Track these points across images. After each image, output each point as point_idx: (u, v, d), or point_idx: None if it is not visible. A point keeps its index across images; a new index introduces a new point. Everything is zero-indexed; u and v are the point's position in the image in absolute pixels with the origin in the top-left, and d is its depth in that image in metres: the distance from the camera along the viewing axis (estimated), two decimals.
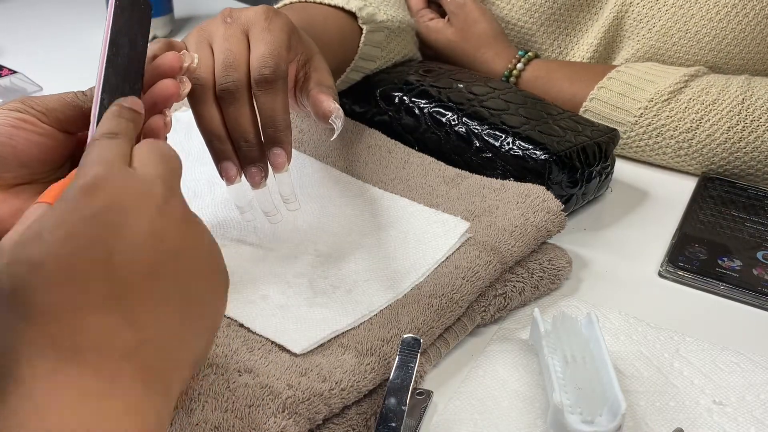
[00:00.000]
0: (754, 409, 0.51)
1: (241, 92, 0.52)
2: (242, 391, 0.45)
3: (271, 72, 0.52)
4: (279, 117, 0.52)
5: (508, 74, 0.85)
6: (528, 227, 0.59)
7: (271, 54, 0.52)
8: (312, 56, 0.58)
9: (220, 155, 0.53)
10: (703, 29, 0.80)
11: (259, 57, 0.52)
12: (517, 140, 0.68)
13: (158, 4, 1.06)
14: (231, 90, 0.52)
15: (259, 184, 0.54)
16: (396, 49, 0.81)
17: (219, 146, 0.53)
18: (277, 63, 0.52)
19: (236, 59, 0.52)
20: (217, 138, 0.53)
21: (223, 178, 0.54)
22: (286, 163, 0.53)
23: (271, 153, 0.53)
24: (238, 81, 0.52)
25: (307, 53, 0.57)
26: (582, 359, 0.50)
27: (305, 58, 0.57)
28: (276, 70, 0.52)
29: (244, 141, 0.53)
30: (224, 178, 0.54)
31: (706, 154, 0.76)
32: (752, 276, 0.63)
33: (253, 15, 0.54)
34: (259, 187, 0.54)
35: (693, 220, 0.70)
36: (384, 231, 0.60)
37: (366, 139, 0.72)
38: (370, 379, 0.47)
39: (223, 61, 0.52)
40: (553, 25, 0.89)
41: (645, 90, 0.78)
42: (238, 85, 0.52)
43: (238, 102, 0.52)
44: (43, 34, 1.06)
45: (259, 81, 0.52)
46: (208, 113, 0.52)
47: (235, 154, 0.53)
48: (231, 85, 0.52)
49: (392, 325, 0.51)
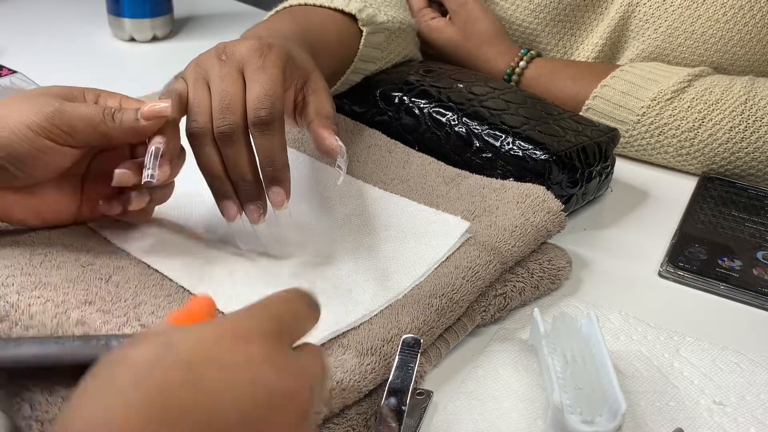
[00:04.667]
0: (754, 409, 0.50)
1: (237, 135, 0.52)
2: None
3: (267, 114, 0.52)
4: (277, 157, 0.53)
5: (511, 72, 0.85)
6: (528, 227, 0.59)
7: (267, 94, 0.52)
8: (309, 76, 0.58)
9: (221, 195, 0.54)
10: (709, 30, 0.80)
11: (254, 98, 0.52)
12: (517, 140, 0.68)
13: (158, 4, 1.06)
14: (228, 133, 0.52)
15: (258, 220, 0.54)
16: (396, 50, 0.81)
17: (219, 186, 0.54)
18: (273, 103, 0.52)
19: (232, 101, 0.52)
20: (218, 179, 0.54)
21: (225, 216, 0.54)
22: (285, 201, 0.54)
23: (271, 191, 0.53)
24: (235, 124, 0.52)
25: (304, 75, 0.57)
26: (582, 359, 0.50)
27: (303, 80, 0.57)
28: (272, 110, 0.52)
29: (242, 181, 0.53)
30: (225, 216, 0.54)
31: (708, 154, 0.76)
32: (752, 276, 0.63)
33: (246, 52, 0.54)
34: (257, 223, 0.55)
35: (693, 220, 0.70)
36: (384, 231, 0.60)
37: (366, 139, 0.72)
38: (370, 379, 0.47)
39: (219, 102, 0.53)
40: (558, 25, 0.89)
41: (648, 89, 0.78)
42: (235, 128, 0.52)
43: (236, 144, 0.52)
44: (43, 34, 1.06)
45: (256, 123, 0.52)
46: (207, 155, 0.53)
47: (234, 193, 0.54)
48: (227, 128, 0.52)
49: (392, 325, 0.51)
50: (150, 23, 1.06)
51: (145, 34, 1.06)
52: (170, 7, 1.09)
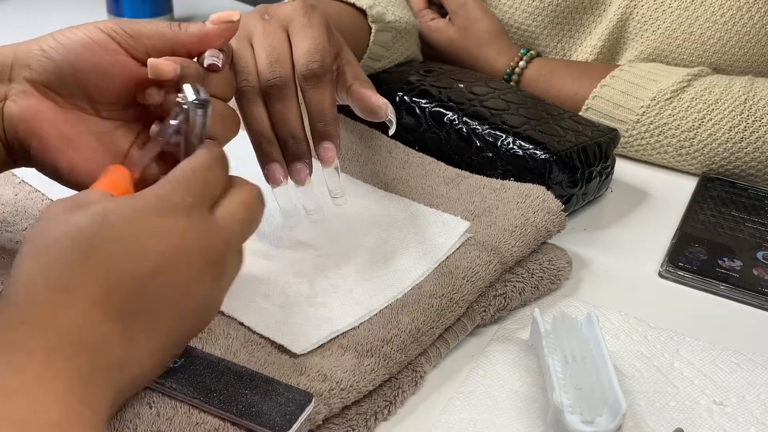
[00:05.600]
0: (754, 409, 0.50)
1: (288, 87, 0.52)
2: None
3: (318, 66, 0.52)
4: (328, 111, 0.53)
5: (510, 72, 0.85)
6: (528, 227, 0.59)
7: (316, 48, 0.52)
8: (341, 48, 0.58)
9: (267, 157, 0.53)
10: (707, 31, 0.80)
11: (304, 52, 0.52)
12: (518, 140, 0.68)
13: (158, 4, 1.06)
14: (278, 86, 0.52)
15: (304, 180, 0.54)
16: (400, 50, 0.81)
17: (267, 148, 0.53)
18: (323, 57, 0.52)
19: (280, 55, 0.52)
20: (267, 139, 0.53)
21: (270, 181, 0.54)
22: (335, 156, 0.53)
23: (321, 147, 0.53)
24: (285, 76, 0.52)
25: (338, 46, 0.57)
26: (582, 359, 0.50)
27: (337, 50, 0.57)
28: (323, 63, 0.52)
29: (291, 137, 0.53)
30: (270, 181, 0.54)
31: (707, 154, 0.76)
32: (752, 276, 0.63)
33: (291, 11, 0.55)
34: (303, 184, 0.54)
35: (693, 220, 0.70)
36: (384, 231, 0.60)
37: (366, 139, 0.72)
38: (370, 380, 0.47)
39: (266, 57, 0.52)
40: (557, 27, 0.89)
41: (648, 88, 0.78)
42: (285, 81, 0.52)
43: (285, 98, 0.52)
44: (43, 35, 1.06)
45: (308, 76, 0.52)
46: (257, 113, 0.53)
47: (281, 155, 0.54)
48: (278, 80, 0.52)
49: (392, 325, 0.51)
50: None
51: None
52: (170, 7, 1.09)
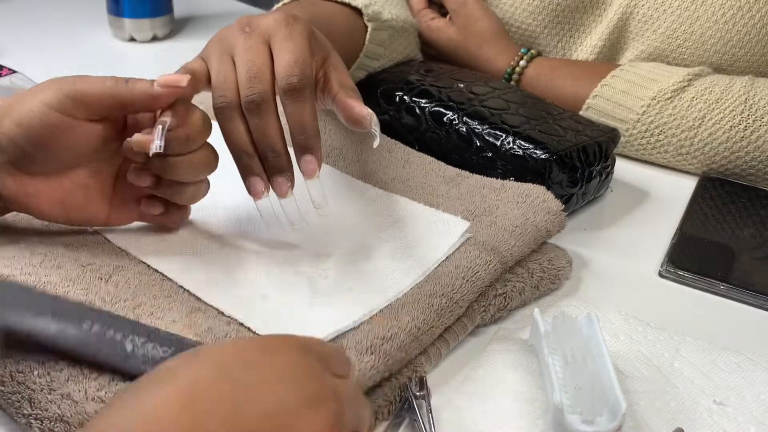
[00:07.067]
0: (754, 409, 0.50)
1: (267, 103, 0.52)
2: None
3: (298, 80, 0.51)
4: (308, 124, 0.52)
5: (511, 71, 0.85)
6: (528, 227, 0.59)
7: (296, 62, 0.52)
8: (328, 54, 0.57)
9: (248, 171, 0.53)
10: (708, 31, 0.80)
11: (284, 66, 0.52)
12: (518, 140, 0.68)
13: (158, 4, 1.06)
14: (257, 102, 0.51)
15: (286, 193, 0.54)
16: (398, 49, 0.81)
17: (247, 162, 0.53)
18: (303, 70, 0.52)
19: (260, 70, 0.52)
20: (246, 153, 0.53)
21: (251, 194, 0.54)
22: (317, 169, 0.53)
23: (302, 160, 0.53)
24: (264, 92, 0.51)
25: (324, 53, 0.57)
26: (582, 359, 0.50)
27: (322, 57, 0.57)
28: (302, 77, 0.52)
29: (271, 151, 0.52)
30: (252, 194, 0.54)
31: (708, 153, 0.76)
32: (752, 276, 0.63)
33: (272, 23, 0.54)
34: (285, 197, 0.54)
35: (693, 219, 0.70)
36: (384, 231, 0.60)
37: (366, 138, 0.72)
38: (369, 377, 0.47)
39: (246, 72, 0.52)
40: (557, 26, 0.89)
41: (648, 88, 0.78)
42: (264, 97, 0.51)
43: (264, 113, 0.52)
44: (43, 34, 1.06)
45: (287, 90, 0.52)
46: (235, 129, 0.52)
47: (262, 169, 0.53)
48: (256, 96, 0.51)
49: (392, 324, 0.51)
50: (150, 23, 1.06)
51: (145, 34, 1.06)
52: (170, 7, 1.09)
